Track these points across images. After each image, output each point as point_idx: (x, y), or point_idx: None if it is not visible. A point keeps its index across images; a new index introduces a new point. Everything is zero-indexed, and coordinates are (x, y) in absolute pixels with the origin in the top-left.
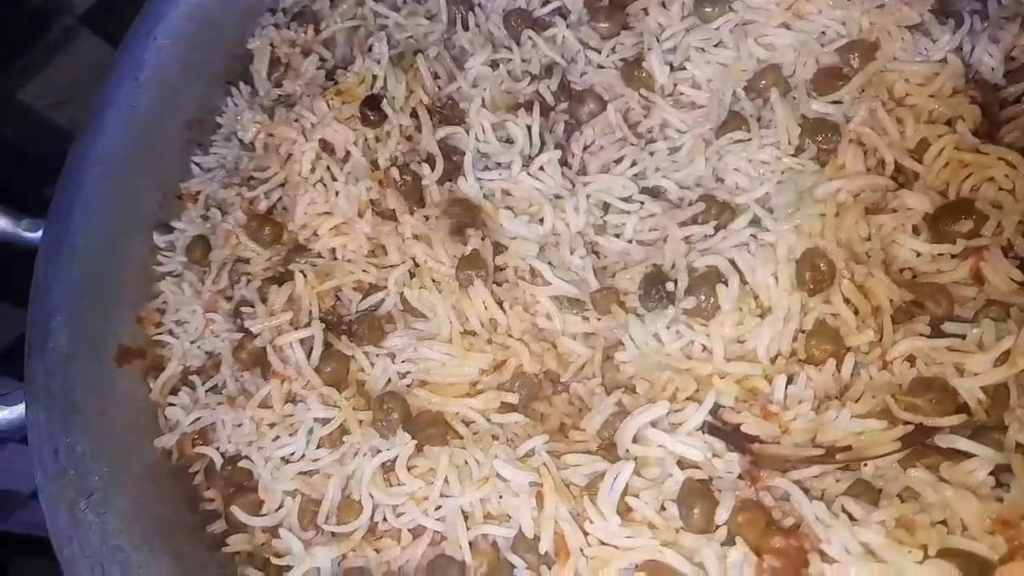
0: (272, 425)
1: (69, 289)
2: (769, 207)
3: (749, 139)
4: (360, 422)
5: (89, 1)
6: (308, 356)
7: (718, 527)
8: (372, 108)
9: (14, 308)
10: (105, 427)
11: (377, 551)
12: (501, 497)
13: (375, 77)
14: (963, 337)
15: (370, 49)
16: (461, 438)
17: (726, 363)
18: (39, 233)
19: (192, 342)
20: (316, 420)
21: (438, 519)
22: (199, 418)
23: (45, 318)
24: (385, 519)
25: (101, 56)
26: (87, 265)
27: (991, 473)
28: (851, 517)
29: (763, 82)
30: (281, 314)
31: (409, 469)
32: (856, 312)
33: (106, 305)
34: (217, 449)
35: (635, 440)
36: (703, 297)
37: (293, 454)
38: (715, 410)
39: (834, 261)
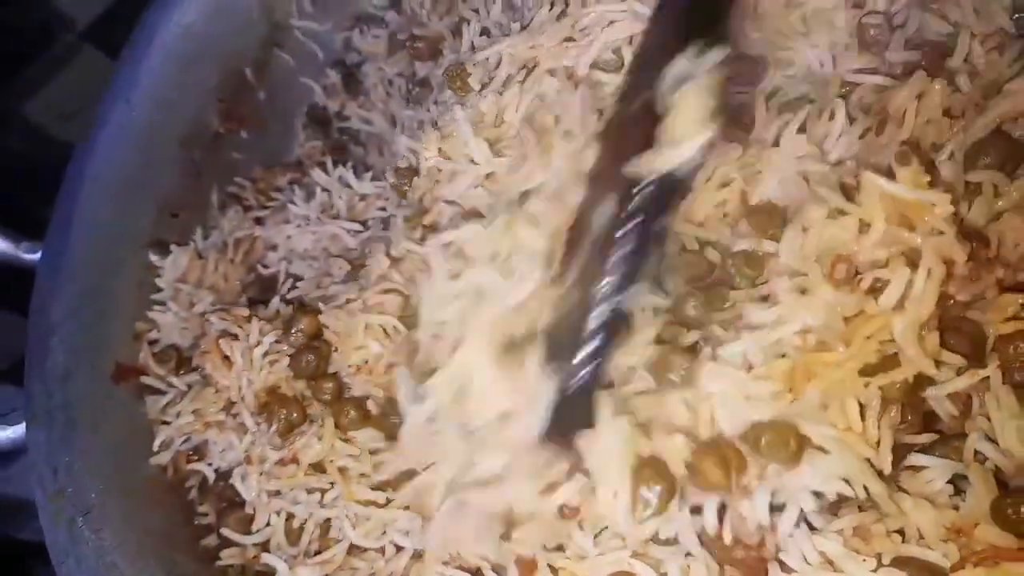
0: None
1: (66, 308)
2: None
3: None
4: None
5: (91, 16)
6: None
7: None
8: None
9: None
10: (102, 444)
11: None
12: None
13: None
14: None
15: None
16: None
17: None
18: (38, 255)
19: None
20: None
21: None
22: (189, 438)
23: (43, 338)
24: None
25: (103, 71)
26: (83, 284)
27: (950, 481)
28: (811, 526)
29: None
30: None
31: None
32: None
33: (103, 323)
34: (210, 465)
35: None
36: None
37: (279, 492)
38: None
39: None
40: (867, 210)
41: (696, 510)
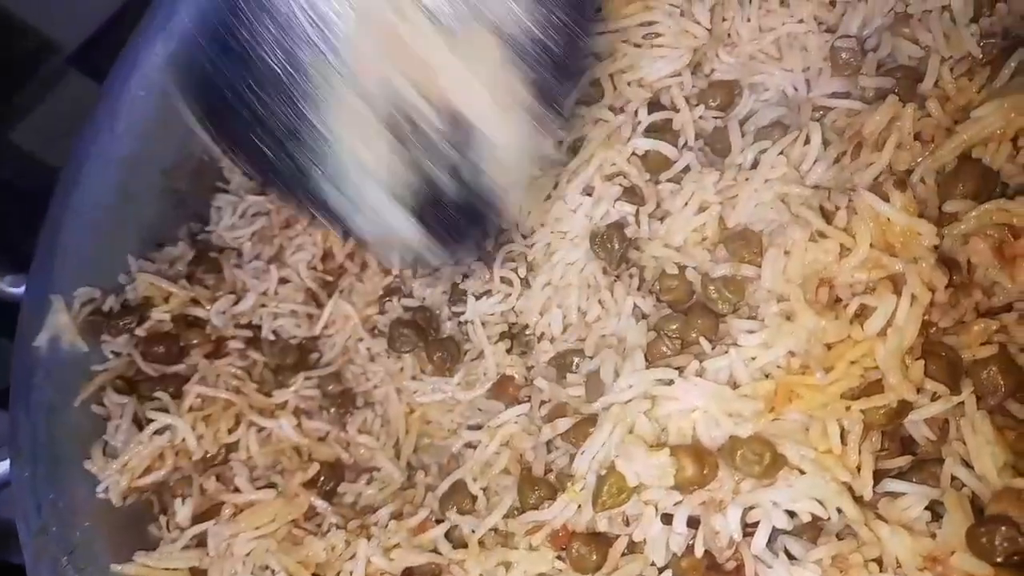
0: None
1: (51, 342)
2: None
3: None
4: None
5: (77, 41)
6: None
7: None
8: None
9: None
10: (87, 481)
11: None
12: None
13: None
14: None
15: None
16: None
17: None
18: (23, 288)
19: None
20: None
21: None
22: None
23: (28, 372)
24: None
25: (90, 96)
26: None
27: (927, 508)
28: (790, 556)
29: None
30: None
31: None
32: None
33: (88, 357)
34: None
35: None
36: None
37: None
38: None
39: None
40: (852, 232)
41: (667, 519)
